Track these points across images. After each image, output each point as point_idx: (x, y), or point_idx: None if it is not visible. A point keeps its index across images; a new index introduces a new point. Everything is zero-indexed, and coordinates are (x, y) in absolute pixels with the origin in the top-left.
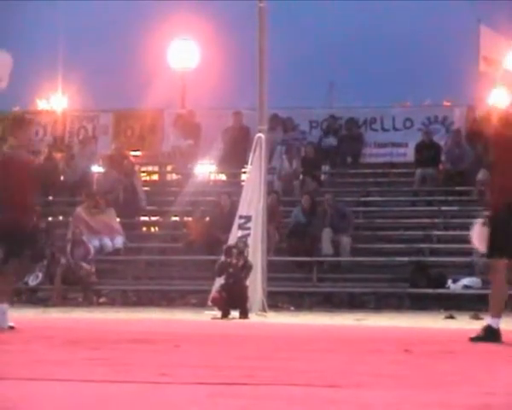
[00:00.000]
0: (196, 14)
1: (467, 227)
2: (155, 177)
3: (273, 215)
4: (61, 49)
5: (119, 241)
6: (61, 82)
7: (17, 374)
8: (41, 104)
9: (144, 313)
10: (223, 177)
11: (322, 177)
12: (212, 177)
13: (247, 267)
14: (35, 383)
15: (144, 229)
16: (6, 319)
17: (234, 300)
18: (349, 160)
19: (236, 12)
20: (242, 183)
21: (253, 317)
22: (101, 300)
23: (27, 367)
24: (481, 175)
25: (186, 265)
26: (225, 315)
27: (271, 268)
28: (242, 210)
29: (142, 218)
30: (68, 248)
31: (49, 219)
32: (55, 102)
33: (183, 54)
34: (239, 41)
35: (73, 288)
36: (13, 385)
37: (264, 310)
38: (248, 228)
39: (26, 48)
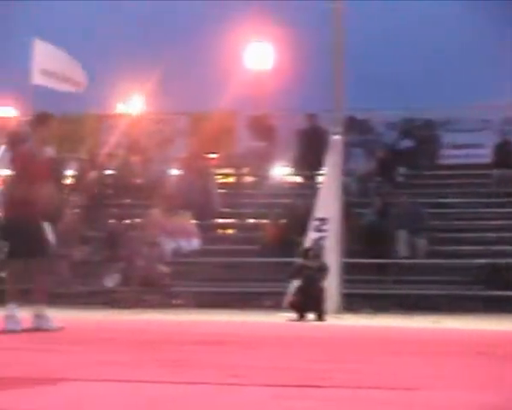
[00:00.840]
0: (272, 16)
1: None
2: (231, 179)
3: (349, 217)
4: (139, 51)
5: (195, 243)
6: (139, 85)
7: (90, 375)
8: (118, 107)
9: (219, 314)
10: (298, 179)
11: (399, 178)
12: (288, 179)
13: (323, 270)
14: (108, 384)
15: (219, 231)
16: (17, 321)
17: (310, 302)
18: (425, 161)
19: (313, 13)
20: (318, 185)
21: (329, 319)
22: (177, 302)
23: (100, 368)
24: None
25: (261, 267)
26: (301, 317)
27: (347, 270)
28: (318, 212)
29: (218, 220)
30: (144, 250)
31: (126, 221)
32: (133, 105)
33: (259, 56)
34: (315, 42)
35: (149, 290)
36: (80, 386)
37: (340, 312)
38: (324, 230)
39: (104, 50)
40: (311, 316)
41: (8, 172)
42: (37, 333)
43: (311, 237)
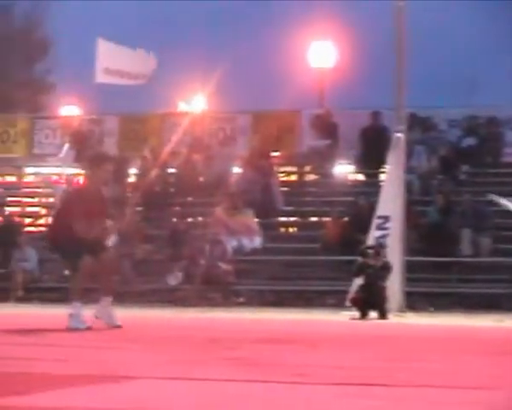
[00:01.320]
0: (335, 15)
1: None
2: (293, 177)
3: (411, 215)
4: (201, 49)
5: (257, 241)
6: (201, 84)
7: (153, 373)
8: (181, 106)
9: (281, 313)
10: (361, 177)
11: (462, 176)
12: (350, 177)
13: (386, 268)
14: (171, 382)
15: (282, 229)
16: (82, 320)
17: (372, 300)
18: (489, 159)
19: (374, 12)
20: (380, 183)
21: (392, 317)
22: (240, 300)
23: (163, 366)
24: None
25: (323, 265)
26: (363, 316)
27: (409, 268)
28: (381, 210)
29: (280, 218)
30: (207, 248)
31: (189, 219)
32: (195, 103)
33: (322, 54)
34: (377, 41)
35: (212, 288)
36: (149, 384)
37: (402, 311)
38: (387, 228)
39: (166, 49)
40: (373, 314)
41: (71, 170)
42: (100, 331)
43: (373, 235)
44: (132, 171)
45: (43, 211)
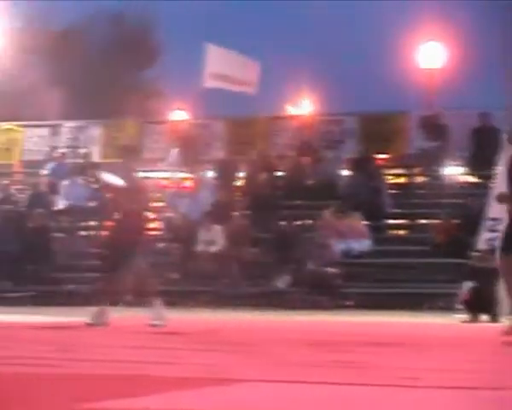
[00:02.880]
0: (444, 15)
1: None
2: (402, 179)
3: None
4: (309, 52)
5: (366, 244)
6: (309, 87)
7: (261, 376)
8: (289, 109)
9: (390, 316)
10: (471, 178)
11: None
12: (460, 179)
13: (497, 271)
14: (279, 385)
15: (390, 232)
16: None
17: (483, 303)
18: None
19: (483, 11)
20: (491, 184)
21: (504, 320)
22: (348, 303)
23: (271, 369)
24: None
25: (433, 267)
26: (474, 319)
27: None
28: (491, 212)
29: (389, 221)
30: (315, 251)
31: (297, 223)
32: (303, 106)
33: (431, 55)
34: (486, 41)
35: (320, 291)
36: (256, 387)
37: None
38: (498, 230)
39: (273, 54)
40: (484, 317)
41: (180, 174)
42: (207, 334)
43: (484, 237)
44: (240, 174)
45: (153, 215)
